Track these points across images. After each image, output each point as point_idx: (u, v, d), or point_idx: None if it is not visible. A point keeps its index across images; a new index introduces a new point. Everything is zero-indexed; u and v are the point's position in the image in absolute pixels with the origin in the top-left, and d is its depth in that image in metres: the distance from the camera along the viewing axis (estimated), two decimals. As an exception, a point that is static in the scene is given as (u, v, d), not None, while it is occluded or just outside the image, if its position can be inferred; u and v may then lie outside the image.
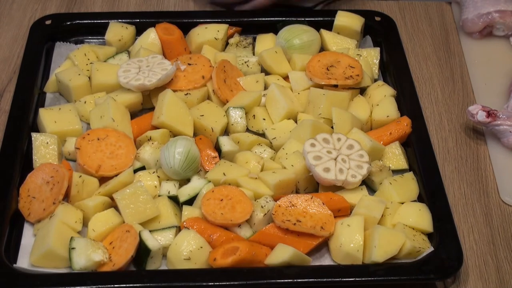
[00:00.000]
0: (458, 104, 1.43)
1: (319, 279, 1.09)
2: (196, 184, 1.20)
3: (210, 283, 1.08)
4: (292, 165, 1.22)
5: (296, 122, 1.32)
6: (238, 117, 1.32)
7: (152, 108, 1.33)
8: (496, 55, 1.51)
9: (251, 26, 1.49)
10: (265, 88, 1.38)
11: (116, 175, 1.21)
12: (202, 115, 1.30)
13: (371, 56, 1.43)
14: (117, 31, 1.45)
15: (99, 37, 1.48)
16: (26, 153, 1.25)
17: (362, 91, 1.39)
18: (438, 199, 1.20)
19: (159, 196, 1.20)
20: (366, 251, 1.13)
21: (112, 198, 1.18)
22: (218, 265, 1.10)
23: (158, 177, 1.21)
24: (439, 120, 1.40)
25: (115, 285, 1.07)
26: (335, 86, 1.35)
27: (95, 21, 1.48)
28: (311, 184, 1.23)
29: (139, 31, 1.46)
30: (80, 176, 1.19)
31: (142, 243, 1.11)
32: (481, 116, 1.30)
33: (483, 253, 1.20)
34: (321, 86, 1.35)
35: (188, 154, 1.19)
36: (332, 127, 1.29)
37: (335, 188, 1.21)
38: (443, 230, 1.16)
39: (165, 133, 1.27)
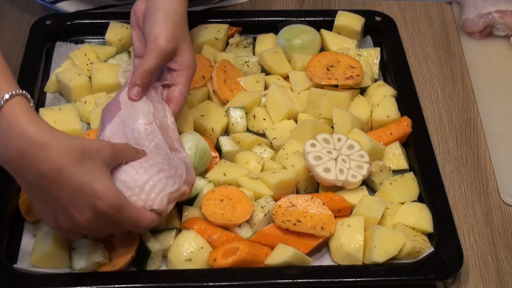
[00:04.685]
0: (458, 104, 1.43)
1: (319, 279, 1.09)
2: (196, 184, 1.20)
3: (210, 283, 1.07)
4: (292, 165, 1.21)
5: (296, 122, 1.32)
6: (238, 117, 1.31)
7: (152, 108, 1.33)
8: (496, 55, 1.51)
9: (251, 26, 1.49)
10: (266, 88, 1.38)
11: (116, 175, 1.21)
12: (202, 115, 1.30)
13: (372, 56, 1.43)
14: (117, 31, 1.45)
15: (99, 37, 1.47)
16: (26, 153, 1.25)
17: (363, 91, 1.38)
18: (438, 199, 1.20)
19: (159, 196, 1.20)
20: (366, 252, 1.13)
21: (112, 198, 1.18)
22: (218, 265, 1.10)
23: (158, 177, 1.21)
24: (439, 120, 1.40)
25: (115, 285, 1.07)
26: (336, 86, 1.35)
27: (95, 21, 1.48)
28: (311, 184, 1.23)
29: (140, 31, 1.46)
30: (80, 176, 1.19)
31: (142, 245, 1.11)
32: None
33: (483, 253, 1.20)
34: (321, 86, 1.34)
35: (197, 147, 1.19)
36: (332, 127, 1.29)
37: (336, 188, 1.21)
38: (443, 230, 1.16)
39: (165, 133, 1.27)
